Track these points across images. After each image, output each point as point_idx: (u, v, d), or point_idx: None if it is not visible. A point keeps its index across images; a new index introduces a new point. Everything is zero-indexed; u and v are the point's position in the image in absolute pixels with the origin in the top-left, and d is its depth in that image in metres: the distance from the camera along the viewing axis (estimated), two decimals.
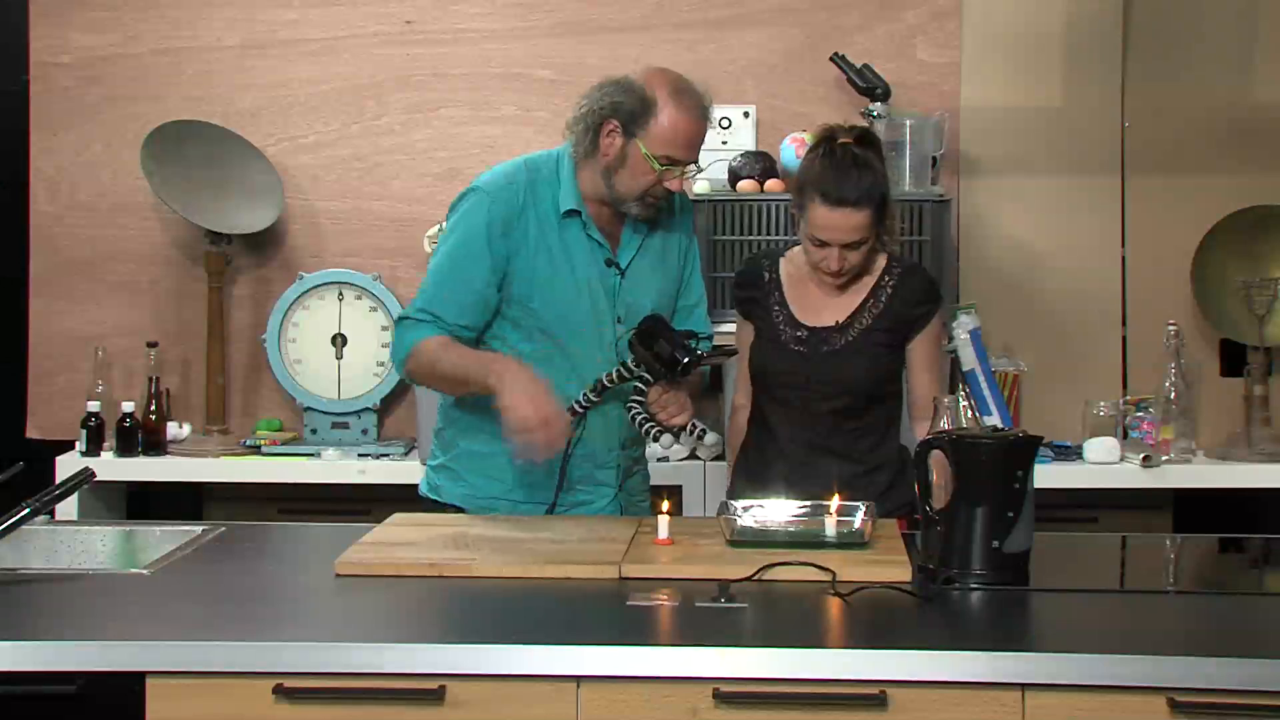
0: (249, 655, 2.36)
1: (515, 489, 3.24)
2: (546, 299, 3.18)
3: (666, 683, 2.33)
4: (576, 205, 3.19)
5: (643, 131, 3.11)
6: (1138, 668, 2.30)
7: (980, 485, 2.70)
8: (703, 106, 3.16)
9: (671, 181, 3.14)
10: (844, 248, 3.18)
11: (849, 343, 3.26)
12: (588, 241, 3.21)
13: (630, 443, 3.31)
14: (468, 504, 3.27)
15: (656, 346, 3.07)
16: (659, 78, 3.15)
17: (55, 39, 4.63)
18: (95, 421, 4.35)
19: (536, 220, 3.17)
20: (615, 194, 3.16)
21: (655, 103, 3.11)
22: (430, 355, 3.13)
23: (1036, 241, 4.57)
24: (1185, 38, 4.54)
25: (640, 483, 3.41)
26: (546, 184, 3.20)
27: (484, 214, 3.16)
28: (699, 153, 3.18)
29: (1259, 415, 4.40)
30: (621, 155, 3.13)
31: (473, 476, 3.28)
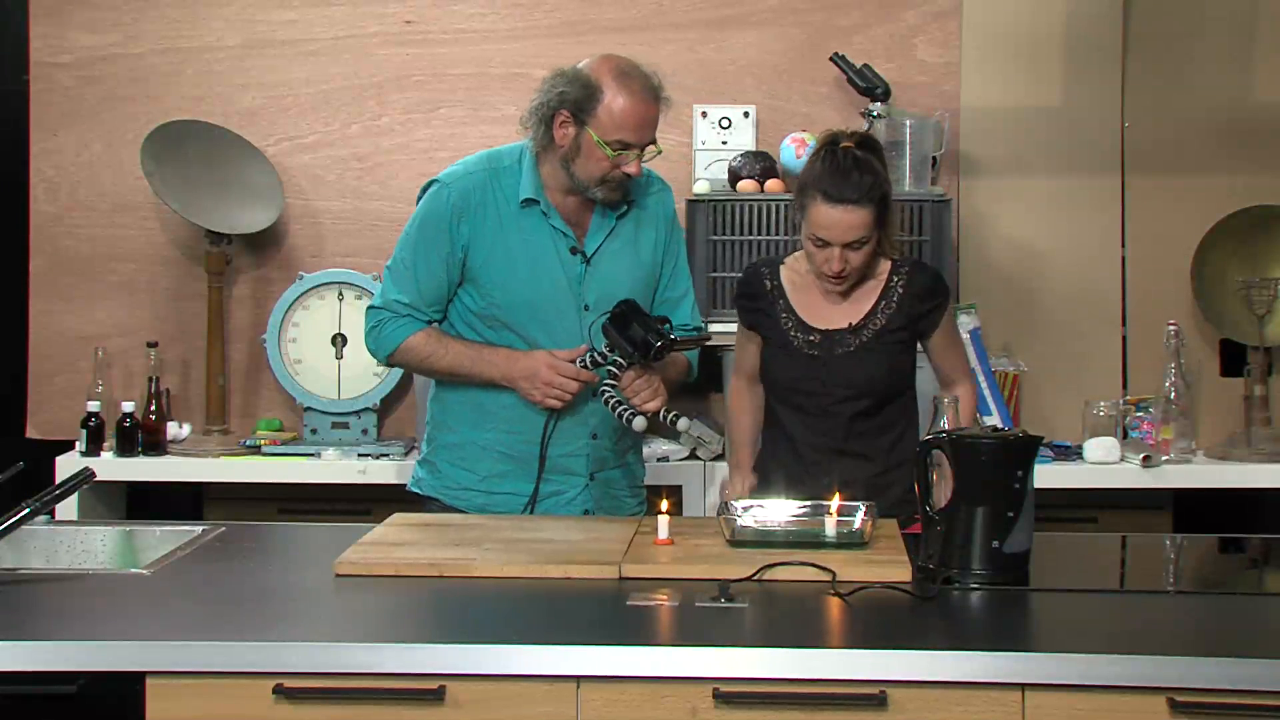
0: (249, 655, 2.36)
1: (488, 479, 3.29)
2: (507, 288, 3.24)
3: (666, 683, 2.33)
4: (535, 195, 3.25)
5: (592, 118, 3.17)
6: (1138, 668, 2.30)
7: (980, 485, 2.70)
8: (650, 88, 3.21)
9: (629, 165, 3.20)
10: (845, 248, 3.19)
11: (864, 343, 3.27)
12: (550, 231, 3.26)
13: (605, 434, 3.33)
14: (444, 495, 3.33)
15: (629, 331, 3.13)
16: (603, 64, 3.21)
17: (55, 39, 4.63)
18: (95, 421, 4.35)
19: (496, 210, 3.25)
20: (576, 181, 3.23)
21: (601, 89, 3.17)
22: (421, 353, 3.27)
23: (1036, 241, 4.57)
24: (1185, 38, 4.54)
25: (622, 478, 3.41)
26: (508, 174, 3.29)
27: (442, 203, 3.26)
28: (653, 133, 3.23)
29: (1259, 415, 4.40)
30: (576, 144, 3.20)
31: (448, 468, 3.34)
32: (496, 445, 3.30)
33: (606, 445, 3.35)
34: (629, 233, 3.33)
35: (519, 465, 3.28)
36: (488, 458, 3.30)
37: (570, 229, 3.28)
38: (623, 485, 3.41)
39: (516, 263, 3.25)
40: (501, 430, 3.29)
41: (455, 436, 3.34)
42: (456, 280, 3.28)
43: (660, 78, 3.24)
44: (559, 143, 3.22)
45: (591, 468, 3.33)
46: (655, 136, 3.23)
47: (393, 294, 3.29)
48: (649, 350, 3.12)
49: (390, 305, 3.29)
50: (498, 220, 3.26)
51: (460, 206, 3.25)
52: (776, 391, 3.34)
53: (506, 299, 3.25)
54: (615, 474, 3.39)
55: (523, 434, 3.27)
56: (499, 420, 3.29)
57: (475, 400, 3.30)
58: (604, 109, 3.16)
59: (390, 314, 3.28)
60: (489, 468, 3.30)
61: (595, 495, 3.34)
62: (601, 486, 3.35)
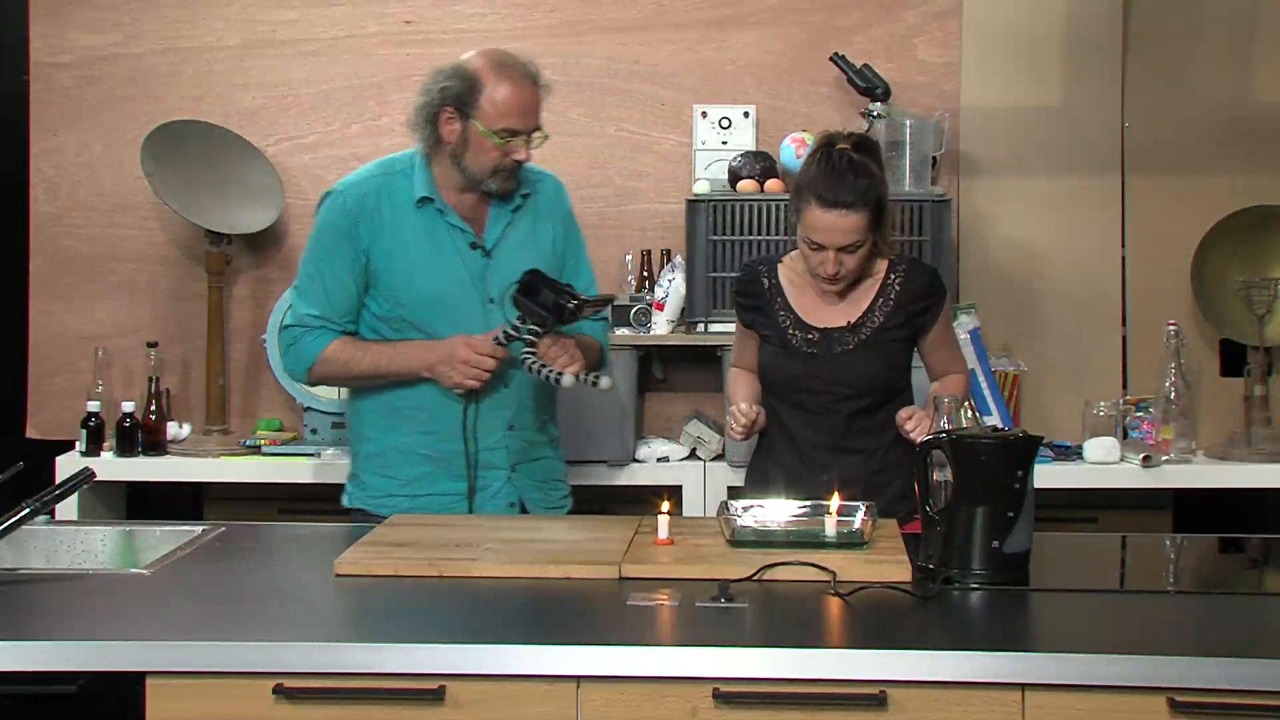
0: (249, 655, 2.36)
1: (412, 482, 3.32)
2: (410, 288, 3.28)
3: (666, 683, 2.33)
4: (429, 193, 3.29)
5: (476, 111, 3.22)
6: (1138, 668, 2.30)
7: (980, 485, 2.70)
8: (529, 74, 3.27)
9: (518, 152, 3.26)
10: (840, 251, 3.19)
11: (863, 341, 3.27)
12: (448, 229, 3.31)
13: (521, 425, 3.36)
14: (370, 506, 3.35)
15: (540, 297, 3.17)
16: (480, 57, 3.27)
17: (55, 39, 4.63)
18: (95, 421, 4.35)
19: (393, 213, 3.29)
20: (469, 176, 3.28)
21: (481, 81, 3.23)
22: (340, 359, 3.30)
23: (1036, 241, 4.57)
24: (1185, 38, 4.54)
25: (544, 470, 3.44)
26: (402, 178, 3.33)
27: (337, 213, 3.30)
28: (538, 118, 3.29)
29: (1259, 415, 4.40)
30: (464, 138, 3.25)
31: (370, 477, 3.37)
32: (415, 448, 3.32)
33: (525, 436, 3.38)
34: (527, 225, 3.38)
35: (440, 465, 3.31)
36: (408, 461, 3.33)
37: (468, 225, 3.32)
38: (545, 477, 3.45)
39: (417, 262, 3.28)
40: (418, 432, 3.32)
41: (373, 445, 3.37)
42: (364, 287, 3.31)
43: (537, 65, 3.31)
44: (447, 140, 3.27)
45: (513, 459, 3.36)
46: (540, 122, 3.29)
47: (303, 309, 3.32)
48: (563, 312, 3.17)
49: (303, 320, 3.32)
50: (395, 222, 3.29)
51: (356, 212, 3.29)
52: (776, 390, 3.34)
53: (411, 298, 3.29)
54: (537, 466, 3.42)
55: (439, 433, 3.30)
56: (414, 422, 3.32)
57: (388, 405, 3.33)
58: (486, 99, 3.22)
59: (304, 329, 3.31)
60: (410, 471, 3.33)
61: (520, 487, 3.37)
62: (525, 478, 3.39)
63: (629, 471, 4.32)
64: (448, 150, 3.27)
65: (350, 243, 3.29)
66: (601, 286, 4.55)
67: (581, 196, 4.60)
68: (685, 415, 4.53)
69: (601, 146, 4.62)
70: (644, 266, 4.52)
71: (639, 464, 4.35)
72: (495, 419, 3.32)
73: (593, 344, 3.43)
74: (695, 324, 4.29)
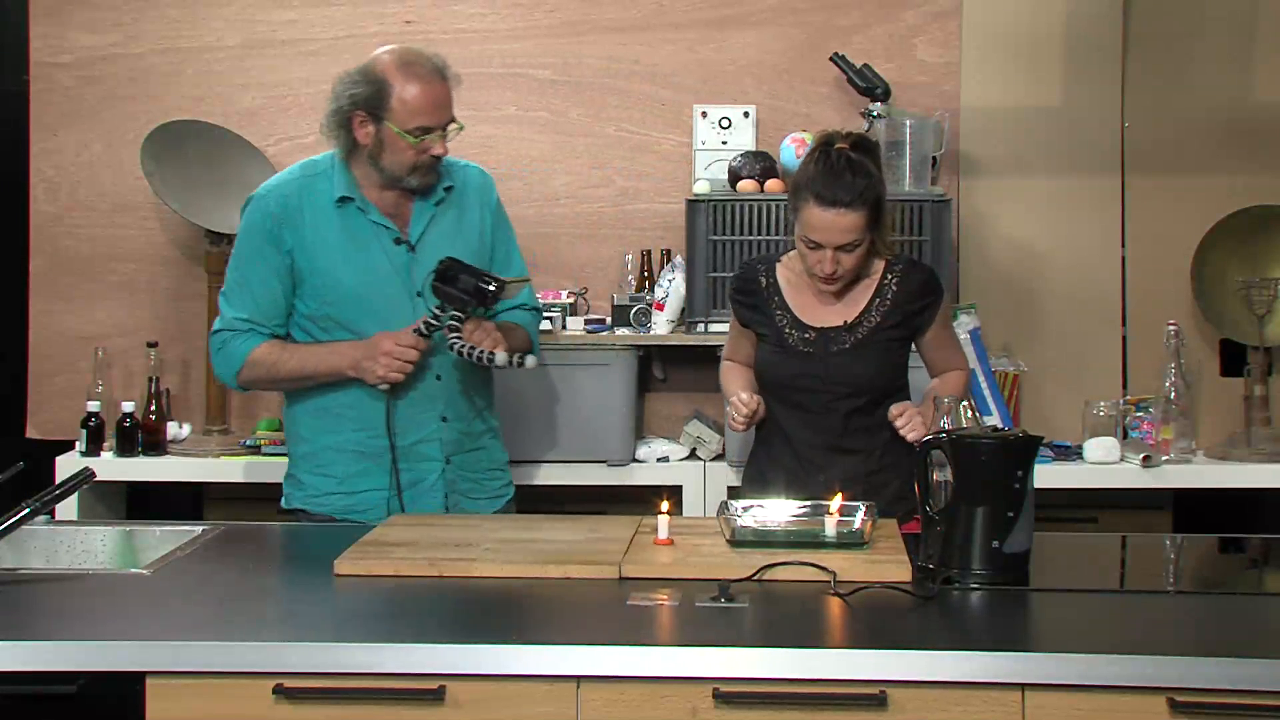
0: (249, 655, 2.36)
1: (347, 479, 3.35)
2: (336, 287, 3.30)
3: (666, 683, 2.33)
4: (349, 193, 3.31)
5: (388, 112, 3.24)
6: (1138, 668, 2.30)
7: (980, 485, 2.70)
8: (436, 69, 3.29)
9: (435, 147, 3.29)
10: (837, 250, 3.19)
11: (859, 341, 3.27)
12: (371, 226, 3.33)
13: (455, 417, 3.39)
14: (309, 505, 3.39)
15: (460, 283, 3.21)
16: (385, 57, 3.28)
17: (55, 39, 4.63)
18: (95, 421, 4.34)
19: (313, 214, 3.31)
20: (388, 175, 3.30)
21: (388, 82, 3.25)
22: (266, 361, 3.32)
23: (1036, 241, 4.57)
24: (1185, 38, 4.54)
25: (481, 460, 3.46)
26: (323, 179, 3.35)
27: (259, 216, 3.35)
28: (450, 111, 3.31)
29: (1259, 415, 4.40)
30: (379, 140, 3.27)
31: (308, 477, 3.40)
32: (348, 446, 3.35)
33: (459, 428, 3.40)
34: (451, 218, 3.40)
35: (374, 462, 3.34)
36: (342, 459, 3.36)
37: (391, 221, 3.34)
38: (482, 468, 3.47)
39: (341, 261, 3.31)
40: (350, 430, 3.34)
41: (308, 446, 3.40)
42: (291, 290, 3.34)
43: (444, 58, 3.33)
44: (362, 142, 3.29)
45: (446, 451, 3.38)
46: (454, 114, 3.31)
47: (230, 313, 3.35)
48: (484, 295, 3.21)
49: (230, 325, 3.35)
50: (316, 223, 3.32)
51: (279, 215, 3.32)
52: (773, 389, 3.34)
53: (336, 297, 3.31)
54: (472, 457, 3.44)
55: (371, 430, 3.33)
56: (346, 421, 3.34)
57: (321, 405, 3.36)
58: (396, 100, 3.24)
59: (231, 332, 3.34)
60: (345, 469, 3.36)
61: (452, 479, 3.39)
62: (458, 470, 3.41)
63: (629, 471, 4.32)
64: (365, 152, 3.30)
65: (274, 246, 3.32)
66: (602, 286, 4.57)
67: (581, 196, 4.62)
68: (685, 415, 4.53)
69: (601, 146, 4.62)
70: (644, 266, 4.52)
71: (639, 464, 4.35)
72: (428, 411, 3.35)
73: (513, 327, 3.46)
74: (695, 324, 4.29)
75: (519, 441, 4.27)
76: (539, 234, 4.62)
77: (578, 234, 4.63)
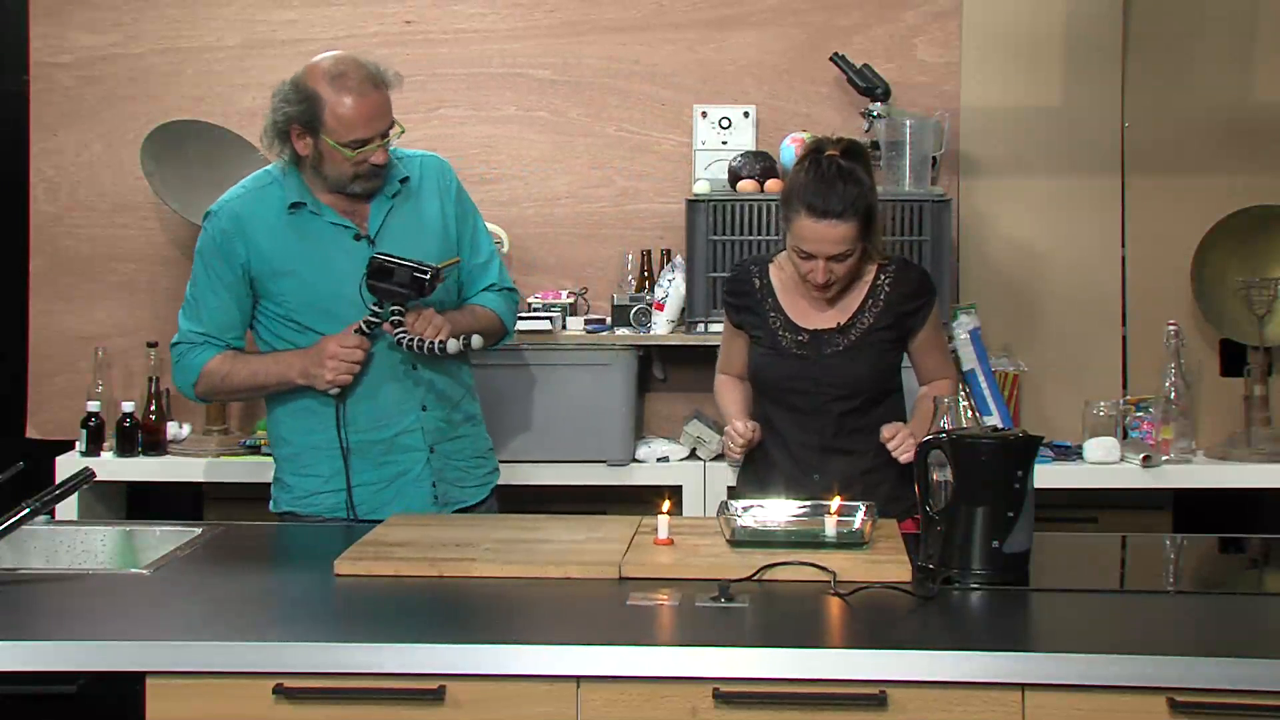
0: (249, 655, 2.36)
1: (333, 477, 3.35)
2: (298, 291, 3.31)
3: (666, 683, 2.33)
4: (301, 198, 3.32)
5: (323, 126, 3.24)
6: (1138, 668, 2.30)
7: (980, 485, 2.70)
8: (369, 79, 3.26)
9: (375, 156, 3.27)
10: (830, 260, 3.18)
11: (852, 342, 3.27)
12: (329, 228, 3.34)
13: (434, 406, 3.39)
14: (297, 507, 3.39)
15: (395, 277, 3.21)
16: (315, 71, 3.27)
17: (55, 39, 4.63)
18: (95, 421, 4.35)
19: (267, 224, 3.32)
20: (332, 183, 3.31)
21: (320, 97, 3.23)
22: (219, 372, 3.34)
23: (1036, 241, 4.57)
24: (1185, 38, 4.54)
25: (465, 448, 3.46)
26: (274, 187, 3.36)
27: (214, 230, 3.35)
28: (387, 120, 3.28)
29: (1259, 415, 4.40)
30: (317, 152, 3.27)
31: (294, 479, 3.40)
32: (331, 444, 3.34)
33: (440, 416, 3.41)
34: (409, 209, 3.40)
35: (361, 456, 3.34)
36: (324, 458, 3.35)
37: (348, 220, 3.35)
38: (467, 455, 3.47)
39: (301, 264, 3.31)
40: (331, 429, 3.34)
41: (291, 448, 3.40)
42: (249, 302, 3.35)
43: (378, 65, 3.31)
44: (302, 153, 3.29)
45: (430, 440, 3.39)
46: (393, 119, 3.30)
47: (187, 326, 3.37)
48: (422, 285, 3.21)
49: (186, 337, 3.37)
50: (271, 232, 3.32)
51: (230, 229, 3.32)
52: (767, 391, 3.34)
53: (300, 300, 3.32)
54: (456, 445, 3.44)
55: (352, 426, 3.34)
56: (327, 420, 3.34)
57: (301, 406, 3.36)
58: (329, 115, 3.23)
59: (188, 344, 3.36)
60: (330, 467, 3.35)
61: (439, 468, 3.40)
62: (444, 459, 3.41)
63: (629, 471, 4.33)
64: (307, 163, 3.31)
65: (225, 261, 3.32)
66: (602, 286, 4.57)
67: (581, 196, 4.62)
68: (685, 415, 4.52)
69: (601, 146, 4.62)
70: (644, 266, 4.52)
71: (639, 464, 4.35)
72: (407, 402, 3.36)
73: (465, 310, 3.45)
74: (695, 324, 4.29)
75: (519, 441, 4.28)
76: (539, 234, 4.62)
77: (578, 234, 4.63)
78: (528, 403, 4.26)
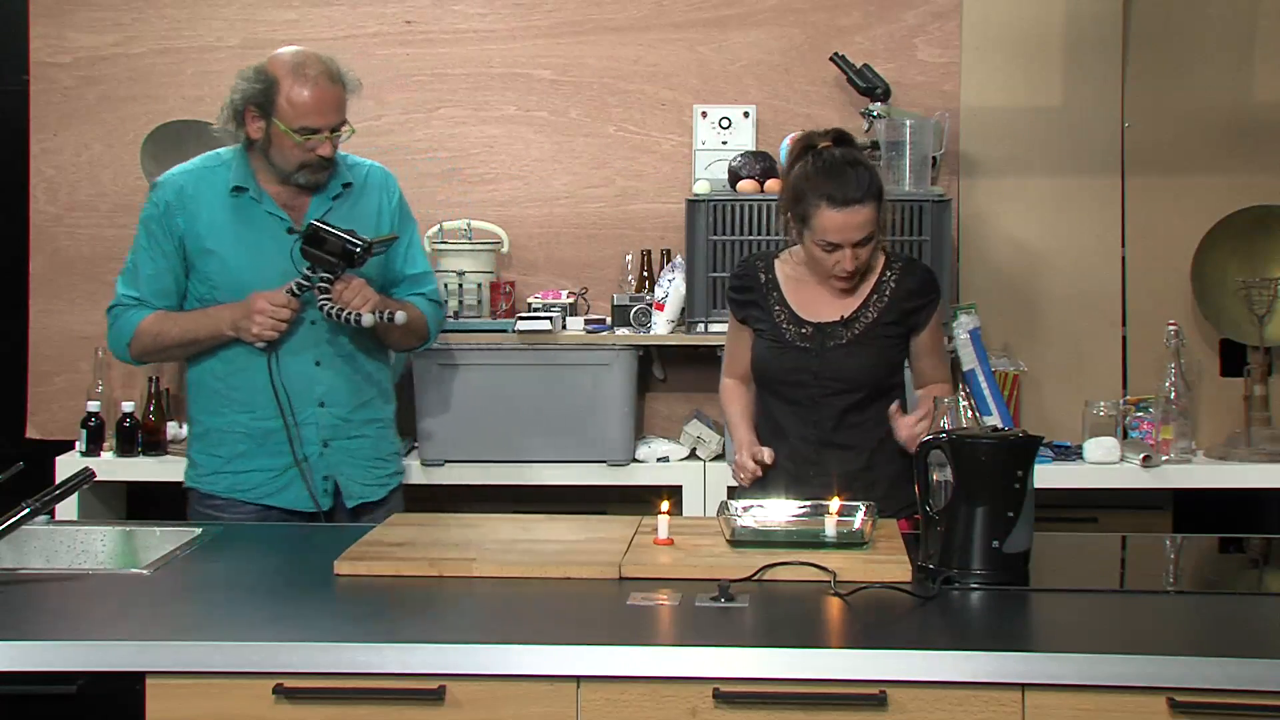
0: (249, 655, 2.36)
1: (234, 459, 3.46)
2: (226, 273, 3.43)
3: (666, 683, 2.33)
4: (244, 183, 3.44)
5: (276, 110, 3.37)
6: (1138, 668, 2.30)
7: (980, 485, 2.70)
8: (327, 73, 3.40)
9: (321, 148, 3.40)
10: (855, 245, 3.20)
11: (855, 337, 3.28)
12: (265, 216, 3.45)
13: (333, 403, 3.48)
14: (199, 484, 3.52)
15: (328, 245, 3.32)
16: (279, 58, 3.41)
17: (55, 39, 4.63)
18: (95, 421, 4.35)
19: (209, 203, 3.45)
20: (278, 169, 3.43)
21: (278, 82, 3.37)
22: (153, 330, 3.48)
23: (1036, 241, 4.57)
24: (1185, 38, 4.54)
25: (365, 448, 3.54)
26: (223, 169, 3.49)
27: (157, 201, 3.49)
28: (339, 115, 3.44)
29: (1259, 415, 4.40)
30: (268, 135, 3.42)
31: (199, 456, 3.53)
32: (235, 427, 3.47)
33: (338, 414, 3.50)
34: (347, 212, 3.49)
35: (259, 444, 3.46)
36: (229, 440, 3.48)
37: (285, 212, 3.45)
38: (367, 455, 3.55)
39: (232, 248, 3.43)
40: (237, 412, 3.46)
41: (200, 427, 3.54)
42: (184, 274, 3.47)
43: (340, 65, 3.43)
44: (253, 136, 3.42)
45: (323, 435, 3.48)
46: (345, 118, 3.42)
47: (123, 290, 3.50)
48: (352, 256, 3.32)
49: (121, 301, 3.50)
50: (211, 211, 3.44)
51: (174, 202, 3.45)
52: (769, 384, 3.35)
53: (225, 281, 3.43)
54: (354, 444, 3.53)
55: (255, 411, 3.45)
56: (235, 403, 3.46)
57: (211, 387, 3.49)
58: (284, 100, 3.36)
59: (122, 307, 3.49)
60: (232, 449, 3.48)
61: (334, 461, 3.48)
62: (340, 454, 3.50)
63: (629, 471, 4.32)
64: (257, 146, 3.43)
65: (166, 232, 3.45)
66: (602, 286, 4.58)
67: (582, 196, 4.62)
68: (685, 415, 4.53)
69: (601, 146, 4.62)
70: (644, 266, 4.52)
71: (639, 464, 4.35)
72: (306, 396, 3.46)
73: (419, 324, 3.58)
74: (695, 324, 4.29)
75: (519, 441, 4.28)
76: (539, 234, 4.62)
77: (578, 234, 4.63)
78: (528, 403, 4.26)
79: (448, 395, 4.27)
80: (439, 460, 4.28)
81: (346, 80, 3.43)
